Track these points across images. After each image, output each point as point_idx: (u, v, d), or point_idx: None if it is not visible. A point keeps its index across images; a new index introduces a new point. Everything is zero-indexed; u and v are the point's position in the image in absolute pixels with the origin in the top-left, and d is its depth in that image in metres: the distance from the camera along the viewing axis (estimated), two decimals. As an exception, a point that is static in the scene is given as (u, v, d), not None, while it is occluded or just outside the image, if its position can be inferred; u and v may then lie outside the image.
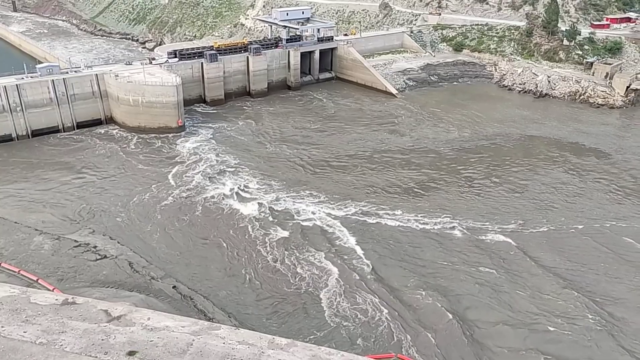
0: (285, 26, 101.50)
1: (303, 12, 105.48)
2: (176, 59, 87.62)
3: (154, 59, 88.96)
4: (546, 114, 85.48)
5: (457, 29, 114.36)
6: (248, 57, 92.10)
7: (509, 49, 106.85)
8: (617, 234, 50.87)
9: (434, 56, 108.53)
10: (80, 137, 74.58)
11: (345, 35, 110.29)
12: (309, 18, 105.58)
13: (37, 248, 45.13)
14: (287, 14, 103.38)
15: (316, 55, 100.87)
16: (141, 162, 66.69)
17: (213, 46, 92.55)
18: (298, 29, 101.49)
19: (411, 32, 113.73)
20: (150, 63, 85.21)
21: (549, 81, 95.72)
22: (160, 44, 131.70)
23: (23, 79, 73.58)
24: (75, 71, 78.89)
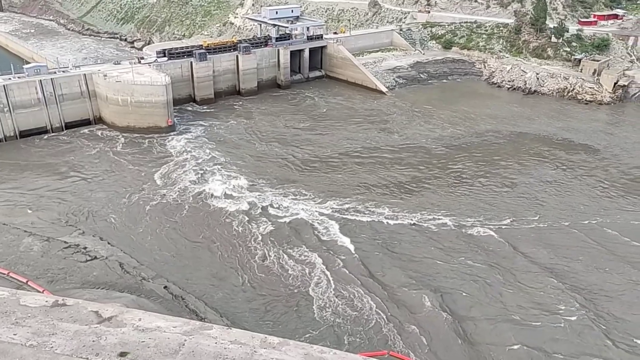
0: (274, 25, 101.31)
1: (292, 11, 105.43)
2: (165, 58, 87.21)
3: (142, 58, 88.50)
4: (535, 111, 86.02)
5: (446, 26, 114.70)
6: (237, 56, 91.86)
7: (497, 46, 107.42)
8: (606, 228, 51.34)
9: (424, 54, 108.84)
10: (69, 138, 74.01)
11: (335, 33, 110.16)
12: (298, 16, 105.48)
13: (27, 250, 44.76)
14: (277, 12, 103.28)
15: (306, 53, 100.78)
16: (131, 162, 66.33)
17: (202, 45, 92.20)
18: (287, 27, 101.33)
19: (400, 30, 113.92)
20: (139, 62, 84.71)
21: (538, 78, 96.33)
22: (149, 43, 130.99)
23: (10, 79, 72.82)
24: (63, 71, 78.24)
